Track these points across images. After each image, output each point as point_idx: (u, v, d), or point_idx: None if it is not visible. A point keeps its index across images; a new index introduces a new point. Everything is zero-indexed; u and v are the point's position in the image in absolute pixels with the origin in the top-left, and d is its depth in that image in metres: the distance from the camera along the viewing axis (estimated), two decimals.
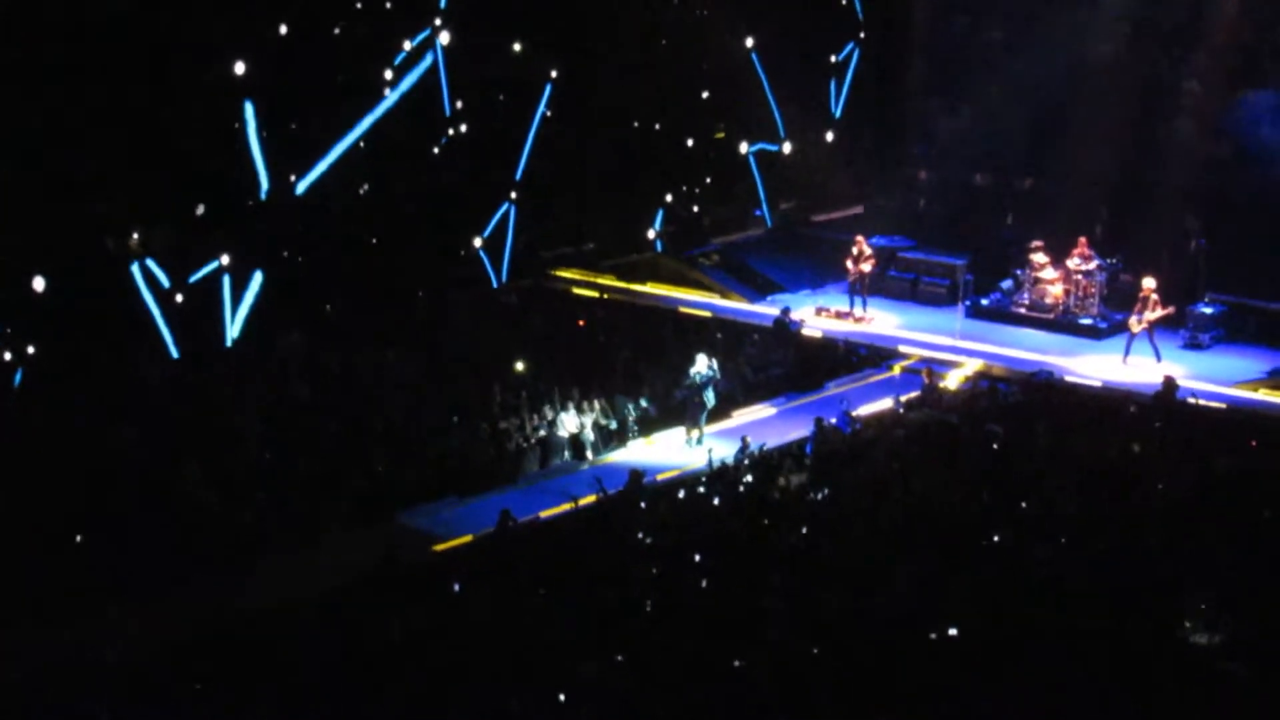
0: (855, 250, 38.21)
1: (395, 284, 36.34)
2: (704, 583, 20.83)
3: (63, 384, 28.88)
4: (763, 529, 23.11)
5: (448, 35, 36.25)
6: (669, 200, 42.79)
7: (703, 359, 30.13)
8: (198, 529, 24.02)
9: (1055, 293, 37.42)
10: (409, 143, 36.88)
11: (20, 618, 21.17)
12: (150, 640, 20.33)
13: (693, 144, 43.16)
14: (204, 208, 32.28)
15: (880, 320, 38.17)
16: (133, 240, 31.26)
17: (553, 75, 39.32)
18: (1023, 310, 37.97)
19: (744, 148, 43.83)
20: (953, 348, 35.40)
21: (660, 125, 42.56)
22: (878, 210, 44.93)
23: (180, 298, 31.64)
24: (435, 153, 37.76)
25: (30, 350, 29.07)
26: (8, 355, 28.98)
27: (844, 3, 45.34)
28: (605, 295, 39.21)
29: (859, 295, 38.36)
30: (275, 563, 23.80)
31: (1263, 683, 17.67)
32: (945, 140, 44.46)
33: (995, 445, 27.27)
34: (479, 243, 38.71)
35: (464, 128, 37.95)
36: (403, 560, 22.73)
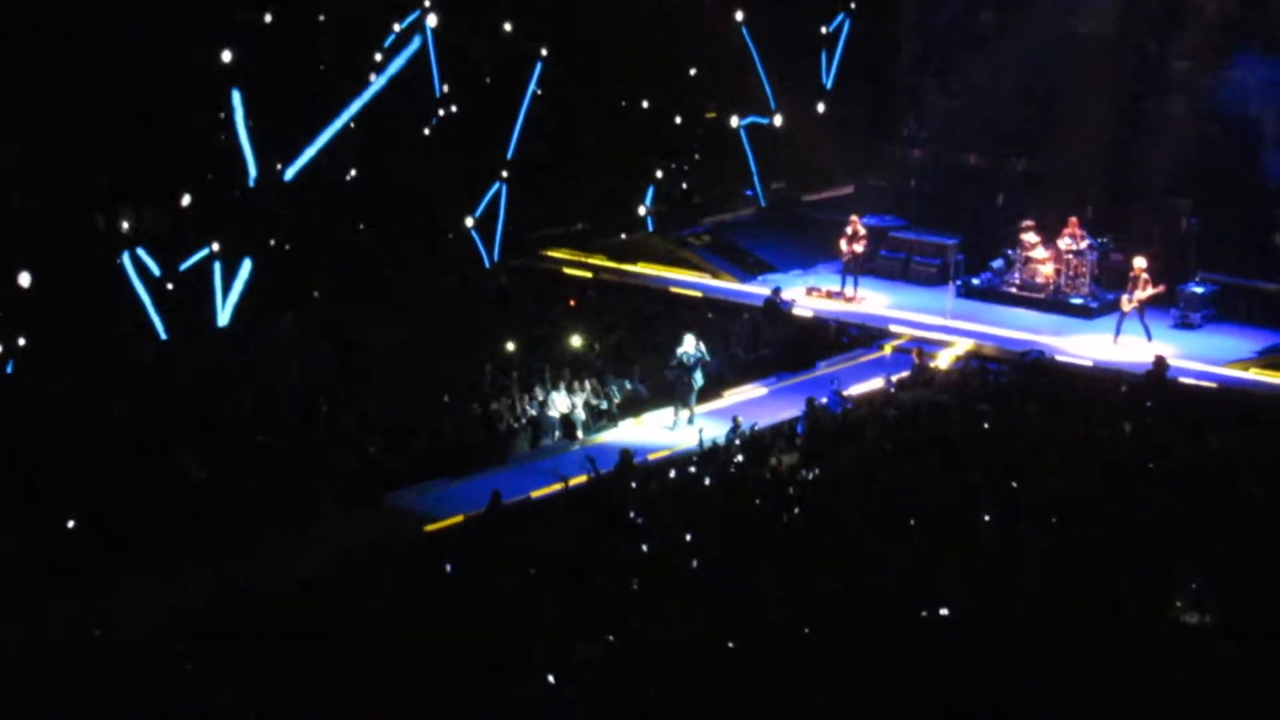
0: (850, 230, 38.14)
1: (385, 265, 36.27)
2: (695, 563, 20.82)
3: (52, 365, 28.84)
4: (754, 509, 23.12)
5: (436, 17, 36.13)
6: (659, 177, 42.71)
7: (690, 339, 30.04)
8: (189, 510, 23.96)
9: (1046, 272, 37.41)
10: (400, 124, 36.78)
11: (12, 599, 21.15)
12: (142, 621, 20.30)
13: (682, 122, 43.06)
14: (194, 195, 32.16)
15: (871, 300, 38.14)
16: (123, 228, 31.20)
17: (543, 53, 39.22)
18: (1014, 290, 37.96)
19: (735, 121, 43.76)
20: (944, 327, 35.37)
21: (649, 103, 42.48)
22: (869, 190, 44.85)
23: (171, 286, 31.59)
24: (426, 134, 37.66)
25: (21, 341, 28.98)
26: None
27: None
28: (600, 275, 39.13)
29: (851, 275, 38.32)
30: (267, 544, 23.73)
31: (1253, 661, 17.70)
32: (937, 120, 44.40)
33: (986, 425, 27.30)
34: (470, 223, 38.64)
35: (454, 108, 37.86)
36: (394, 541, 22.70)
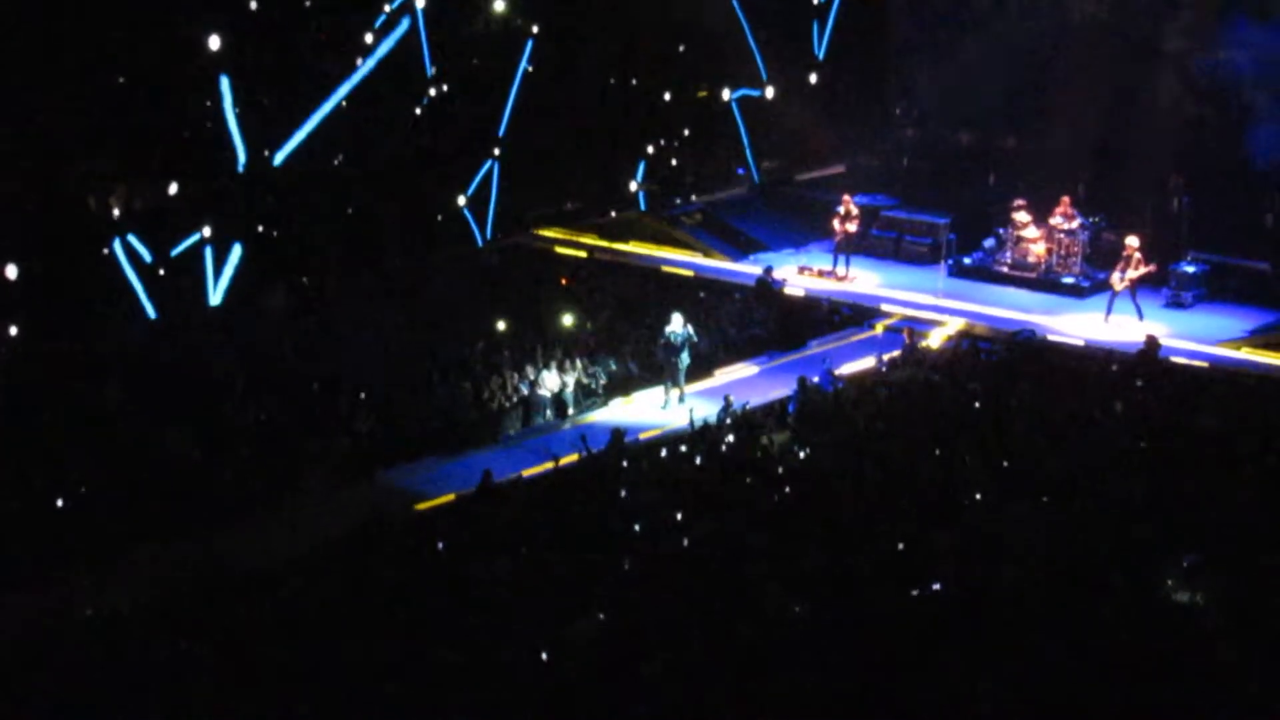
0: (843, 209, 38.11)
1: (377, 245, 36.22)
2: (685, 542, 20.80)
3: (43, 345, 28.83)
4: (745, 488, 23.11)
5: None
6: (650, 153, 42.65)
7: (678, 318, 29.96)
8: (182, 487, 23.96)
9: (1038, 251, 37.39)
10: (391, 105, 36.69)
11: (3, 576, 21.15)
12: (133, 597, 20.27)
13: (672, 99, 42.99)
14: (183, 182, 32.15)
15: (863, 279, 38.12)
16: (114, 214, 31.21)
17: (534, 31, 39.13)
18: (1005, 269, 37.94)
19: (726, 94, 43.72)
20: (935, 307, 35.38)
21: (639, 81, 42.41)
22: (860, 169, 44.83)
23: (162, 271, 31.62)
24: (417, 114, 37.59)
25: (13, 327, 29.01)
26: None
27: None
28: (594, 255, 39.09)
29: (843, 254, 38.30)
30: (258, 521, 23.74)
31: (1244, 641, 17.70)
32: (928, 99, 44.40)
33: (977, 404, 27.29)
34: (462, 201, 38.57)
35: (445, 88, 37.77)
36: (385, 519, 22.67)
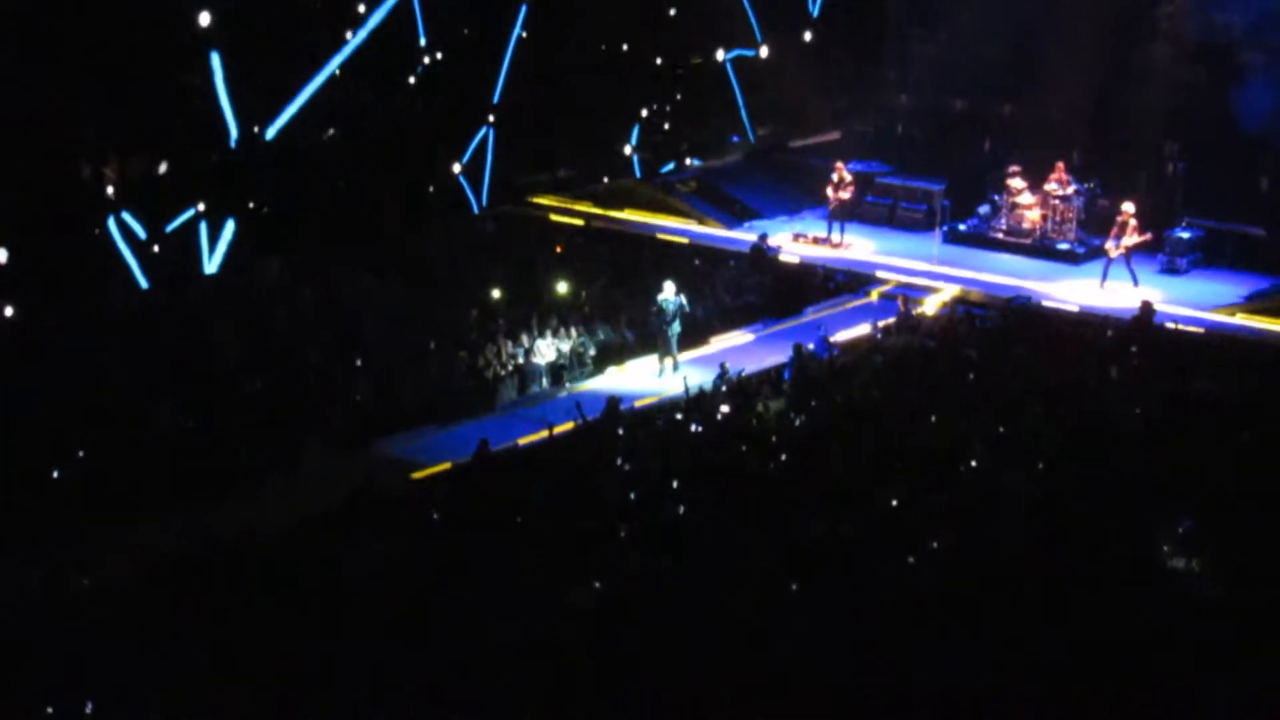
0: (836, 177, 38.06)
1: (372, 215, 36.18)
2: (681, 510, 20.85)
3: (38, 315, 28.88)
4: (741, 456, 23.15)
5: None
6: (644, 115, 42.60)
7: (670, 286, 29.95)
8: (176, 456, 23.97)
9: (1032, 217, 37.39)
10: (385, 73, 36.62)
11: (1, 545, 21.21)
12: (129, 566, 20.32)
13: (664, 63, 42.91)
14: (175, 159, 32.19)
15: (858, 246, 38.10)
16: (108, 191, 31.25)
17: None
18: (1000, 235, 37.94)
19: (720, 54, 43.67)
20: (930, 273, 35.37)
21: (631, 45, 42.34)
22: (855, 135, 44.77)
23: (157, 248, 31.70)
24: (411, 82, 37.53)
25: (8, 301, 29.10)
26: None
27: None
28: (590, 224, 39.05)
29: (838, 221, 38.28)
30: (253, 491, 23.73)
31: (1240, 608, 17.77)
32: (923, 65, 44.27)
33: (972, 371, 27.32)
34: (457, 169, 38.52)
35: (439, 55, 37.70)
36: (380, 488, 22.69)
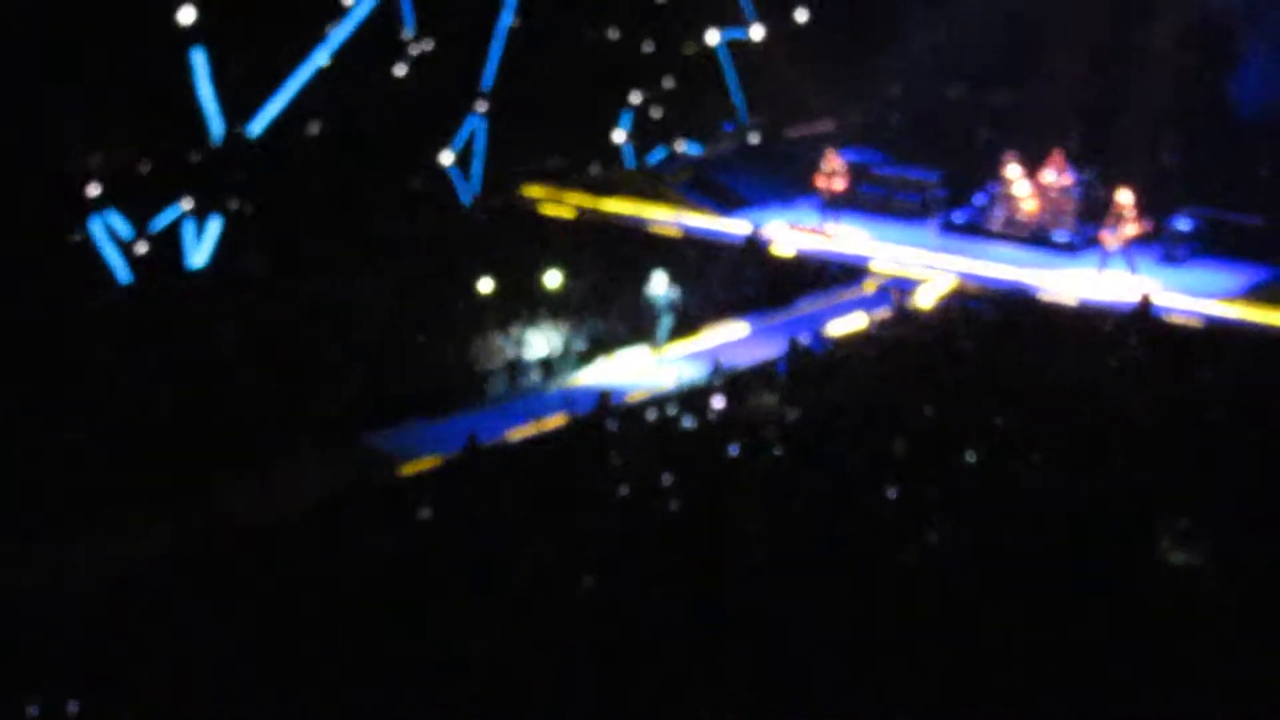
0: (827, 166, 38.03)
1: (362, 207, 36.13)
2: (674, 505, 20.81)
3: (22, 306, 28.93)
4: (736, 449, 23.10)
5: None
6: (636, 102, 42.53)
7: (661, 278, 29.94)
8: (165, 448, 23.96)
9: (1029, 208, 37.36)
10: (373, 65, 36.55)
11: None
12: (122, 558, 20.33)
13: (654, 49, 42.86)
14: (159, 157, 32.18)
15: (852, 237, 38.02)
16: (90, 190, 31.29)
17: None
18: (996, 226, 37.92)
19: (713, 36, 43.61)
20: (926, 264, 35.32)
21: (621, 33, 42.28)
22: (850, 125, 44.72)
23: (141, 248, 31.73)
24: (401, 73, 37.46)
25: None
26: None
27: None
28: (583, 215, 38.99)
29: (831, 211, 38.23)
30: (243, 483, 23.67)
31: (1240, 601, 17.75)
32: (918, 53, 44.16)
33: (968, 364, 27.30)
34: (448, 159, 38.43)
35: (428, 45, 37.64)
36: (370, 482, 22.69)
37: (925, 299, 32.78)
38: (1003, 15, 40.36)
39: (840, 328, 30.93)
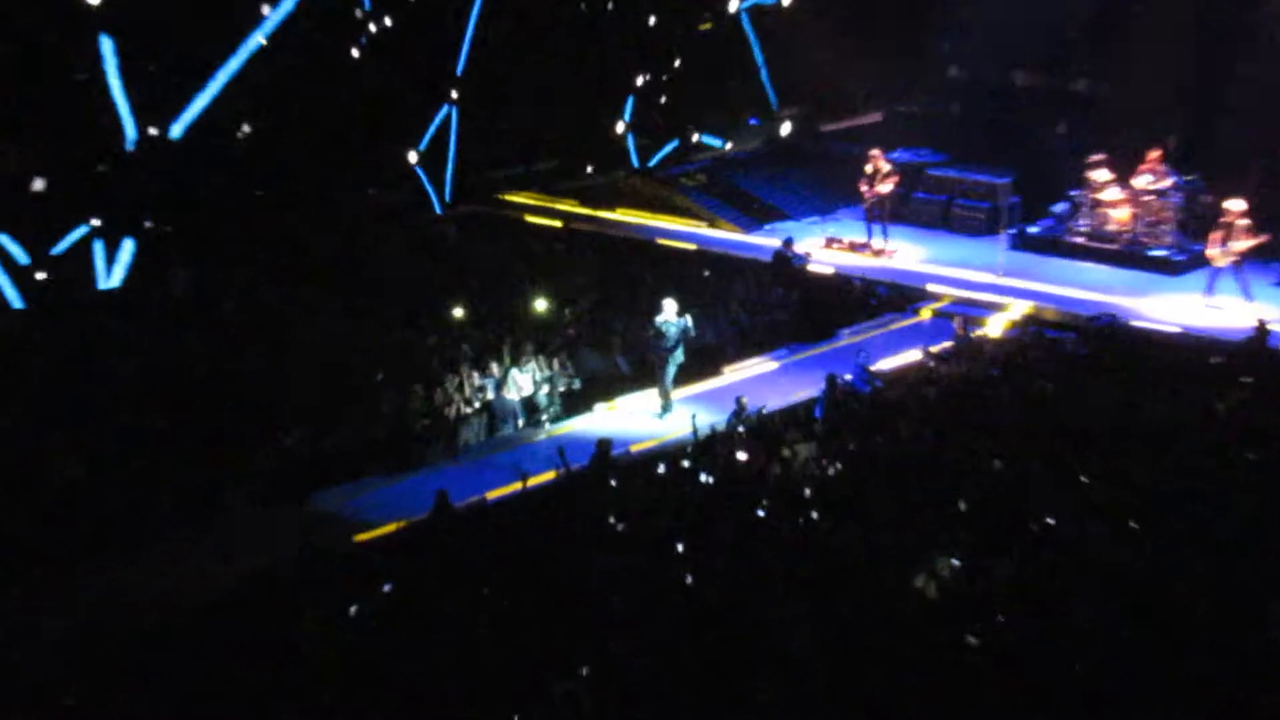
0: (870, 168, 38.11)
1: (308, 217, 36.19)
2: (689, 580, 20.72)
3: None
4: (763, 512, 23.03)
5: None
6: (639, 88, 42.65)
7: (671, 305, 29.87)
8: (65, 512, 23.92)
9: (1120, 218, 37.39)
10: (320, 48, 36.67)
11: None
12: (13, 640, 20.32)
13: (659, 22, 43.01)
14: (61, 167, 32.34)
15: (905, 253, 38.14)
16: None
17: None
18: (1081, 240, 37.97)
19: (734, 4, 43.78)
20: (994, 286, 35.38)
21: (621, 4, 42.49)
22: (900, 117, 44.87)
23: (41, 275, 31.86)
24: (354, 56, 37.57)
25: None
26: None
27: None
28: (571, 225, 39.06)
29: (878, 223, 38.29)
30: (158, 554, 23.67)
31: None
32: (981, 30, 44.35)
33: (1046, 406, 27.25)
34: (414, 158, 38.52)
35: (387, 22, 37.74)
36: (318, 553, 22.61)
37: (994, 328, 32.79)
38: None
39: (890, 363, 30.94)
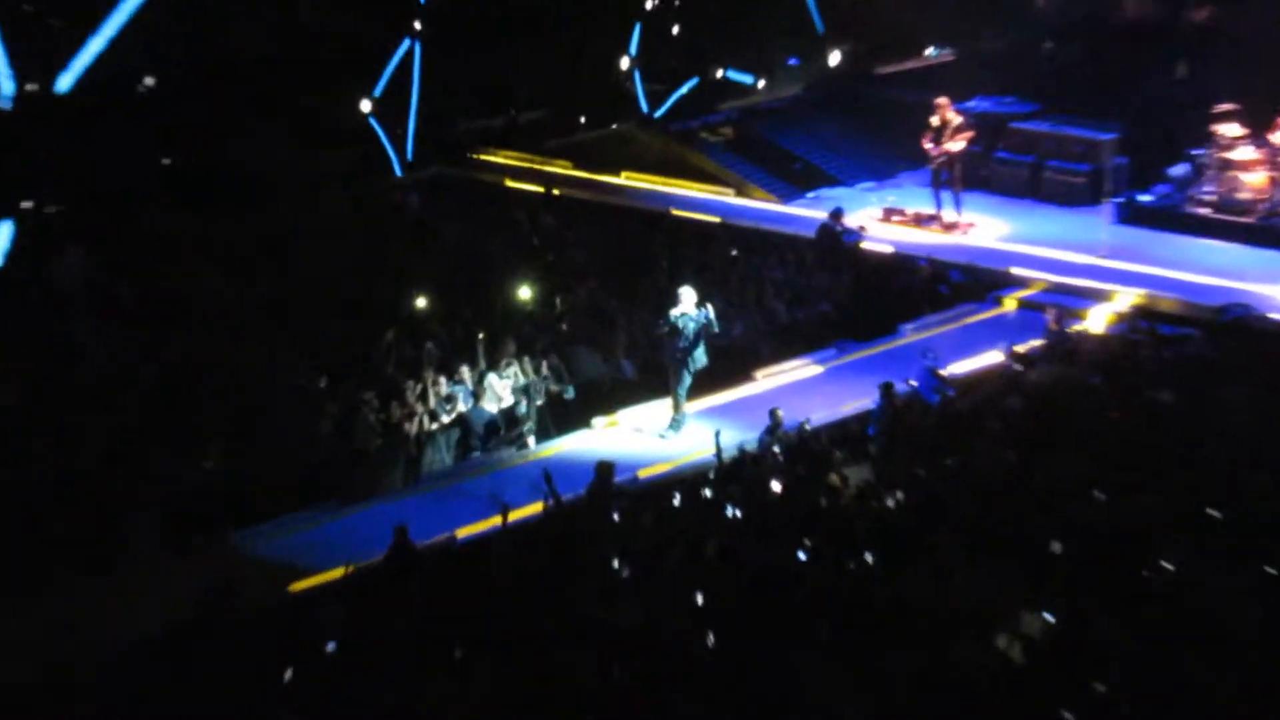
0: (937, 120, 37.97)
1: (231, 183, 36.17)
2: (711, 638, 20.55)
3: None
4: (804, 555, 22.86)
5: None
6: (647, 9, 42.70)
7: (689, 295, 29.68)
8: None
9: (1255, 183, 37.21)
10: None
11: None
12: None
13: None
14: None
15: (983, 228, 38.03)
16: None
17: None
18: (1205, 211, 37.80)
19: None
20: (1096, 270, 35.26)
21: None
22: (977, 57, 44.82)
23: None
24: None
25: None
26: None
27: None
28: (552, 191, 39.01)
29: (948, 190, 38.18)
30: (46, 606, 23.51)
31: None
32: None
33: (1163, 423, 27.08)
34: (368, 107, 38.44)
35: None
36: (241, 604, 22.45)
37: (1095, 323, 32.61)
38: None
39: (964, 366, 30.80)
